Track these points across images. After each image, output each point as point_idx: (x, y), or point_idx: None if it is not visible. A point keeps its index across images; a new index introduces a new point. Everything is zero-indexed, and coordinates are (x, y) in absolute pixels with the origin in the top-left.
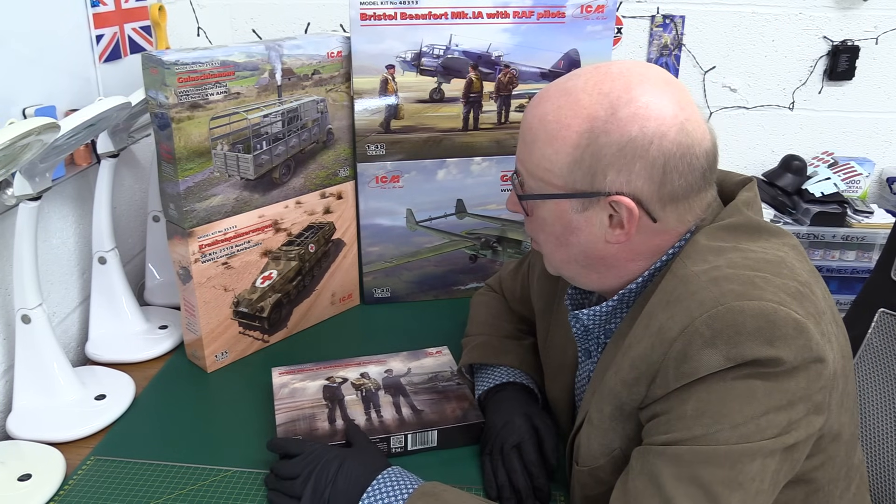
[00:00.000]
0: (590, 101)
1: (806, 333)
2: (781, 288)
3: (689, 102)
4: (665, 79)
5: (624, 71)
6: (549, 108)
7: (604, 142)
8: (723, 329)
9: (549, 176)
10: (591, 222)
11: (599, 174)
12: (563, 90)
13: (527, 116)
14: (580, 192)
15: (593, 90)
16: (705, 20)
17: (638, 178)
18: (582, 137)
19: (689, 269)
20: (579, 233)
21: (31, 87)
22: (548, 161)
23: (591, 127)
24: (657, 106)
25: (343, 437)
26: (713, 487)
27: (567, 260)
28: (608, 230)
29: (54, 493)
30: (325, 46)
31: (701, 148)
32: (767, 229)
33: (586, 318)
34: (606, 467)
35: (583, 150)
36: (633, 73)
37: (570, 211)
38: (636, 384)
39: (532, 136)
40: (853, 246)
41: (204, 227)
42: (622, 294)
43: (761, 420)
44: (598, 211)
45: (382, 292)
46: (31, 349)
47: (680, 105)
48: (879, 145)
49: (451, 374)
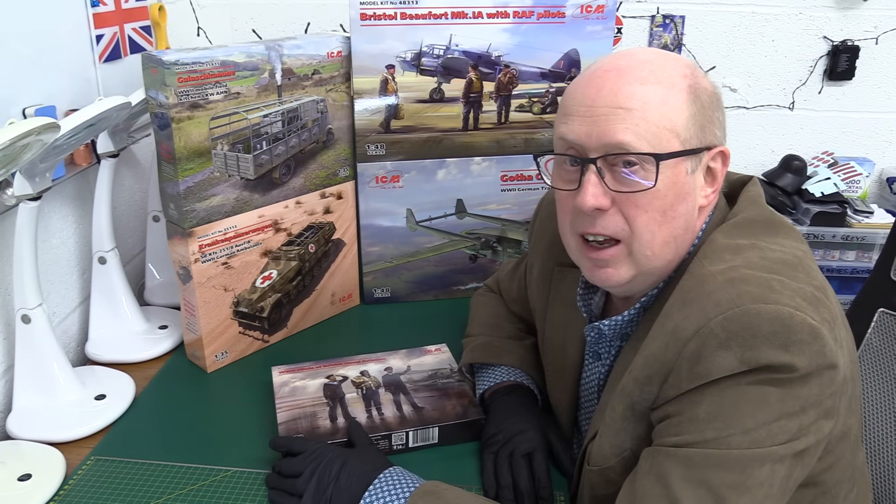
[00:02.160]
0: (673, 63)
1: (821, 339)
2: (798, 292)
3: None
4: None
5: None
6: (644, 73)
7: (702, 94)
8: (738, 331)
9: (670, 136)
10: (696, 185)
11: (707, 127)
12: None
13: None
14: (696, 149)
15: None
16: (705, 20)
17: (721, 128)
18: (690, 91)
19: (706, 269)
20: (687, 198)
21: (31, 87)
22: (668, 119)
23: (689, 84)
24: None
25: (345, 434)
26: (721, 491)
27: (668, 240)
28: (703, 189)
29: (54, 493)
30: (325, 46)
31: None
32: (784, 225)
33: (606, 327)
34: (616, 467)
35: (692, 104)
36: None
37: (684, 174)
38: (649, 383)
39: (640, 101)
40: (853, 246)
41: (204, 227)
42: (643, 301)
43: (773, 426)
44: (699, 170)
45: (382, 292)
46: (31, 349)
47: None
48: (879, 145)
49: (450, 371)
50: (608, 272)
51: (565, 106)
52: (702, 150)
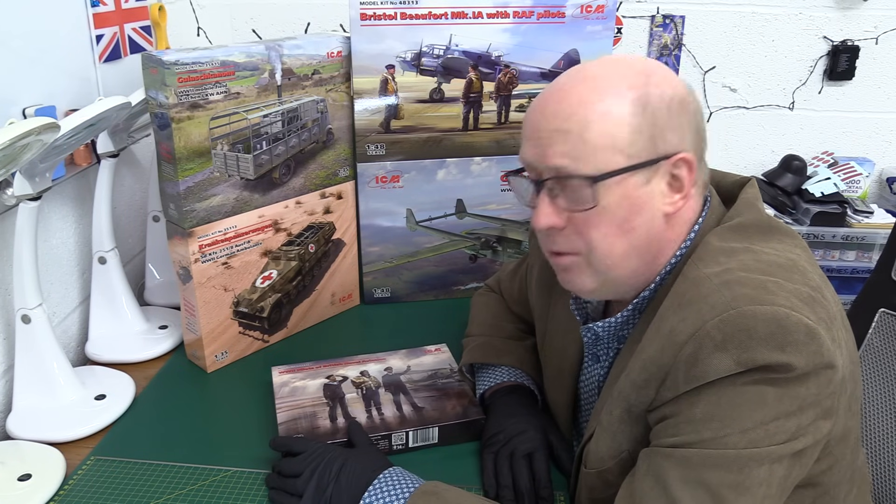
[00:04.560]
0: (621, 74)
1: (817, 339)
2: (793, 293)
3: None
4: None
5: (613, 59)
6: (585, 92)
7: (655, 102)
8: (734, 333)
9: (612, 154)
10: (654, 194)
11: (659, 137)
12: (585, 76)
13: (558, 109)
14: (647, 161)
15: (616, 67)
16: (705, 20)
17: (686, 134)
18: (635, 105)
19: (700, 272)
20: (643, 211)
21: (31, 87)
22: (608, 137)
23: (637, 95)
24: (666, 73)
25: (345, 434)
26: (720, 491)
27: (628, 251)
28: (668, 197)
29: (54, 493)
30: (325, 46)
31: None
32: (779, 228)
33: (601, 329)
34: (614, 469)
35: (640, 116)
36: (620, 57)
37: (635, 187)
38: (646, 386)
39: (579, 121)
40: (853, 246)
41: (204, 227)
42: (636, 303)
43: (770, 426)
44: (658, 180)
45: (382, 292)
46: (31, 349)
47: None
48: (879, 145)
49: (450, 372)
50: (572, 277)
51: (523, 128)
52: (655, 160)
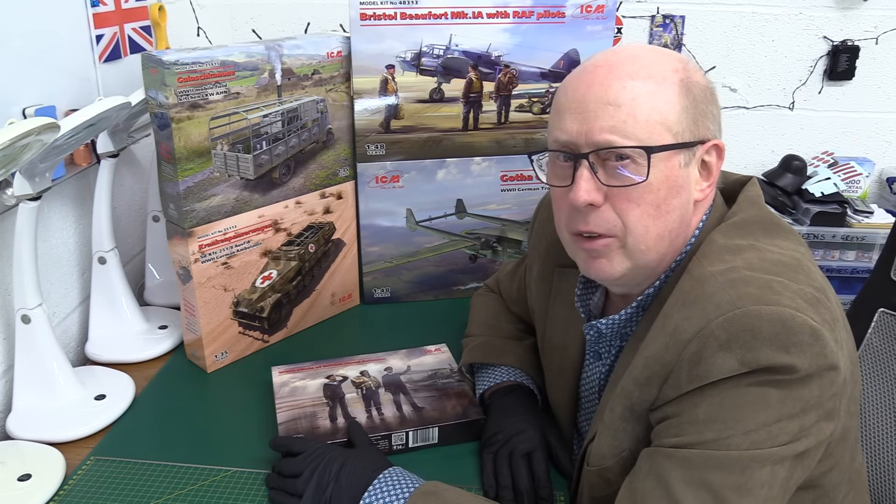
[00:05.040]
0: (664, 58)
1: (821, 341)
2: (798, 294)
3: None
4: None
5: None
6: (634, 67)
7: (695, 88)
8: (739, 333)
9: (662, 130)
10: (689, 178)
11: (700, 121)
12: (630, 55)
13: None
14: (689, 143)
15: (655, 51)
16: (705, 20)
17: (715, 121)
18: (681, 85)
19: (705, 269)
20: (681, 192)
21: (31, 87)
22: (659, 113)
23: (681, 77)
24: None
25: (345, 434)
26: (722, 492)
27: (662, 234)
28: (698, 183)
29: (54, 493)
30: (325, 46)
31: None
32: (782, 226)
33: (604, 326)
34: (615, 468)
35: (685, 96)
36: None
37: (677, 166)
38: (648, 384)
39: (629, 96)
40: (853, 246)
41: (204, 227)
42: (640, 301)
43: (773, 427)
44: (693, 164)
45: (382, 292)
46: (31, 349)
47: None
48: (879, 145)
49: (450, 372)
50: (602, 263)
51: (558, 103)
52: (695, 143)
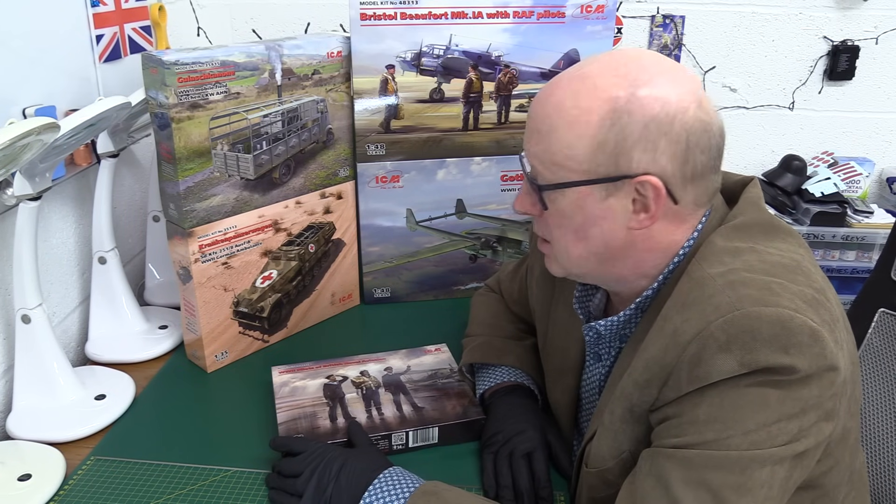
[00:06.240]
0: (607, 83)
1: (821, 342)
2: (798, 295)
3: (699, 83)
4: (675, 63)
5: (636, 55)
6: (566, 94)
7: (627, 121)
8: (738, 335)
9: (571, 163)
10: (614, 210)
11: (624, 156)
12: (576, 77)
13: (539, 106)
14: (605, 177)
15: (609, 73)
16: (705, 20)
17: (663, 155)
18: (605, 119)
19: (705, 272)
20: (601, 222)
21: (31, 87)
22: (569, 148)
23: (613, 108)
24: (675, 84)
25: (345, 434)
26: (722, 492)
27: (585, 255)
28: (632, 216)
29: (54, 493)
30: (325, 46)
31: (717, 126)
32: (782, 228)
33: (603, 328)
34: (615, 469)
35: (606, 132)
36: (646, 55)
37: (592, 199)
38: (648, 386)
39: (549, 125)
40: (853, 246)
41: (204, 227)
42: (638, 302)
43: (773, 427)
44: (621, 197)
45: (382, 292)
46: (31, 349)
47: (694, 84)
48: (879, 145)
49: (450, 372)
50: (549, 262)
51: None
52: (614, 178)
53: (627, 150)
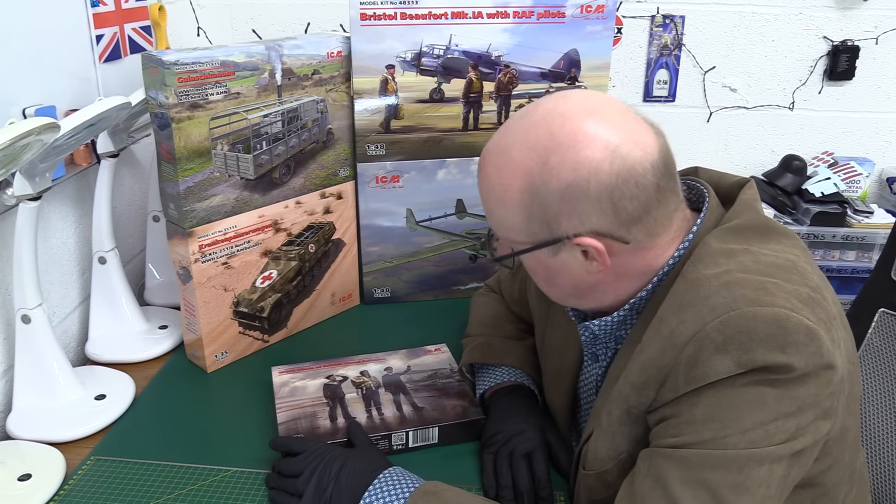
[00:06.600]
0: (521, 156)
1: (817, 340)
2: (793, 294)
3: (620, 121)
4: (588, 107)
5: (545, 115)
6: (491, 171)
7: (544, 193)
8: (734, 335)
9: (513, 234)
10: (568, 262)
11: (553, 223)
12: (499, 148)
13: (479, 181)
14: (543, 242)
15: (522, 144)
16: (705, 20)
17: (589, 216)
18: (524, 194)
19: (700, 273)
20: (562, 273)
21: (31, 87)
22: (506, 221)
23: (529, 182)
24: (584, 143)
25: (345, 434)
26: (720, 491)
27: (561, 295)
28: (586, 264)
29: (54, 493)
30: (325, 46)
31: (644, 165)
32: (777, 230)
33: (597, 328)
34: (613, 471)
35: (529, 205)
36: (555, 114)
37: (544, 257)
38: (645, 387)
39: (486, 201)
40: (853, 246)
41: (204, 227)
42: (632, 303)
43: (770, 426)
44: (568, 252)
45: (382, 292)
46: (31, 349)
47: (609, 131)
48: (879, 145)
49: (450, 372)
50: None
51: None
52: (552, 241)
53: (554, 217)
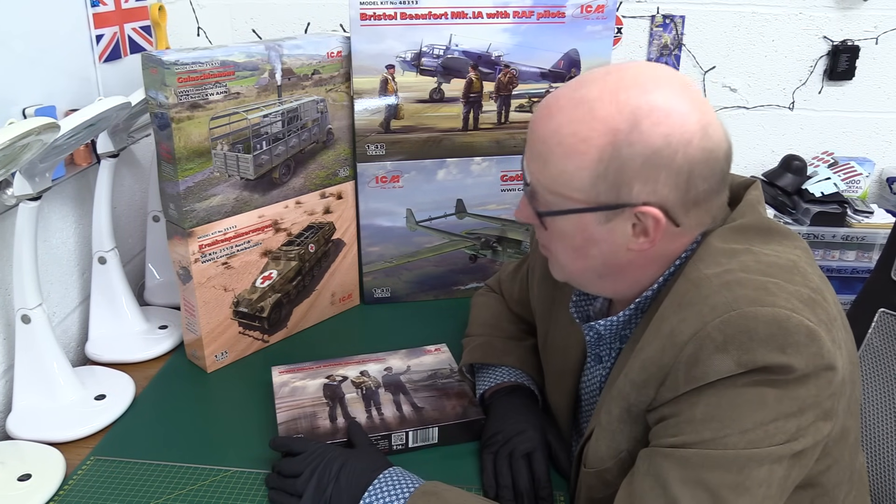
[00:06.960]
0: (607, 112)
1: (818, 341)
2: (794, 294)
3: (705, 103)
4: (681, 81)
5: (638, 76)
6: (563, 120)
7: (628, 154)
8: (735, 335)
9: (569, 191)
10: (614, 233)
11: (625, 186)
12: (575, 101)
13: (536, 129)
14: (605, 205)
15: (610, 99)
16: (705, 20)
17: (664, 187)
18: (604, 151)
19: (701, 273)
20: (601, 244)
21: (31, 87)
22: (567, 176)
23: (613, 140)
24: (679, 112)
25: (345, 434)
26: (720, 491)
27: (584, 270)
28: (631, 239)
29: (54, 493)
30: (325, 46)
31: (722, 150)
32: (779, 231)
33: (602, 327)
34: (613, 469)
35: (606, 163)
36: (648, 76)
37: (592, 223)
38: (645, 386)
39: (546, 151)
40: (853, 246)
41: (204, 227)
42: (638, 303)
43: (770, 426)
44: (621, 222)
45: (382, 292)
46: (31, 349)
47: (700, 108)
48: (879, 145)
49: (450, 372)
50: (552, 266)
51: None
52: (614, 206)
53: (627, 181)
